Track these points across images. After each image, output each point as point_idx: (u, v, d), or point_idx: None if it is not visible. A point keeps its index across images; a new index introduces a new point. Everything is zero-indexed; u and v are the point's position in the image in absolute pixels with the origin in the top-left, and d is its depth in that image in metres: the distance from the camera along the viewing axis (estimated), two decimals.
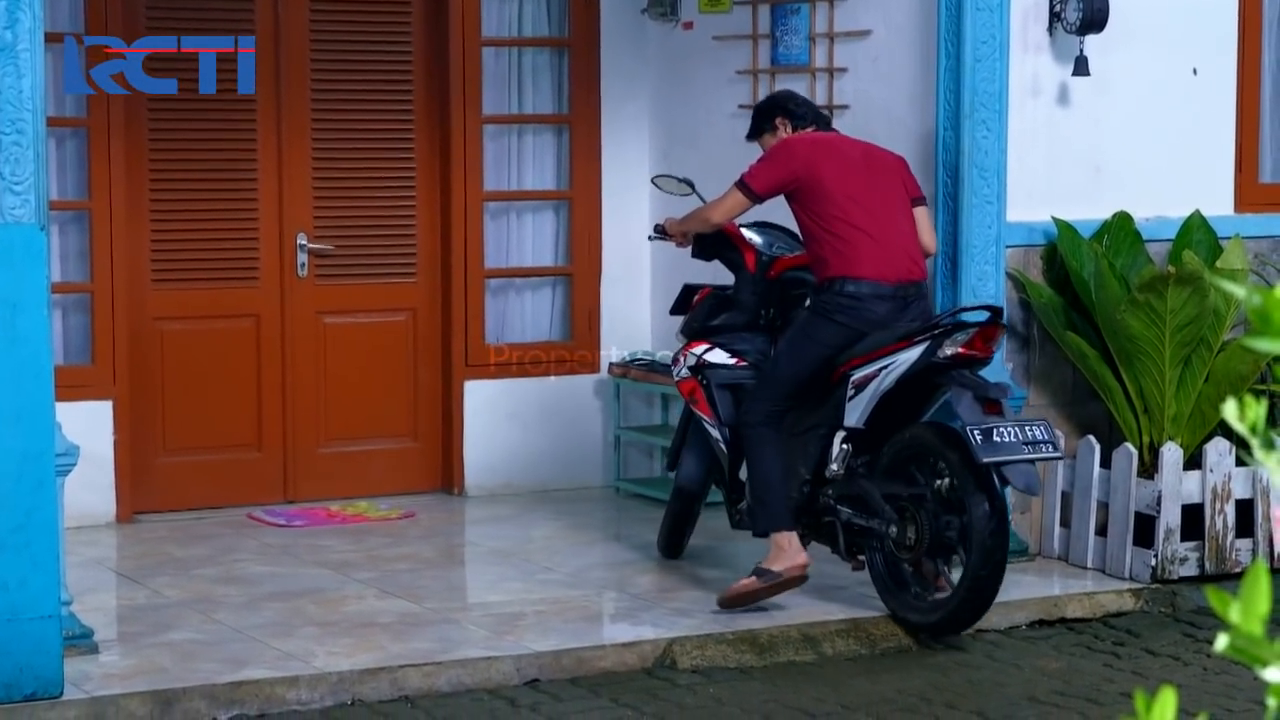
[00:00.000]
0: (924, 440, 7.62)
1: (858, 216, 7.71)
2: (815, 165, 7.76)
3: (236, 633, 7.59)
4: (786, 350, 7.89)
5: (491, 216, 10.42)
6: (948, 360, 7.50)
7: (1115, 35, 8.84)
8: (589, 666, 7.32)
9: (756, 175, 7.85)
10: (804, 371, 7.81)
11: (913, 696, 7.08)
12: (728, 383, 8.29)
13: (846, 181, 7.75)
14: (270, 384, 9.99)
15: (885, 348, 7.60)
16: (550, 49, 10.52)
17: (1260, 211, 9.48)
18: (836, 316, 7.71)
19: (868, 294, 7.67)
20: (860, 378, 7.65)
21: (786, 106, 8.12)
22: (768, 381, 7.94)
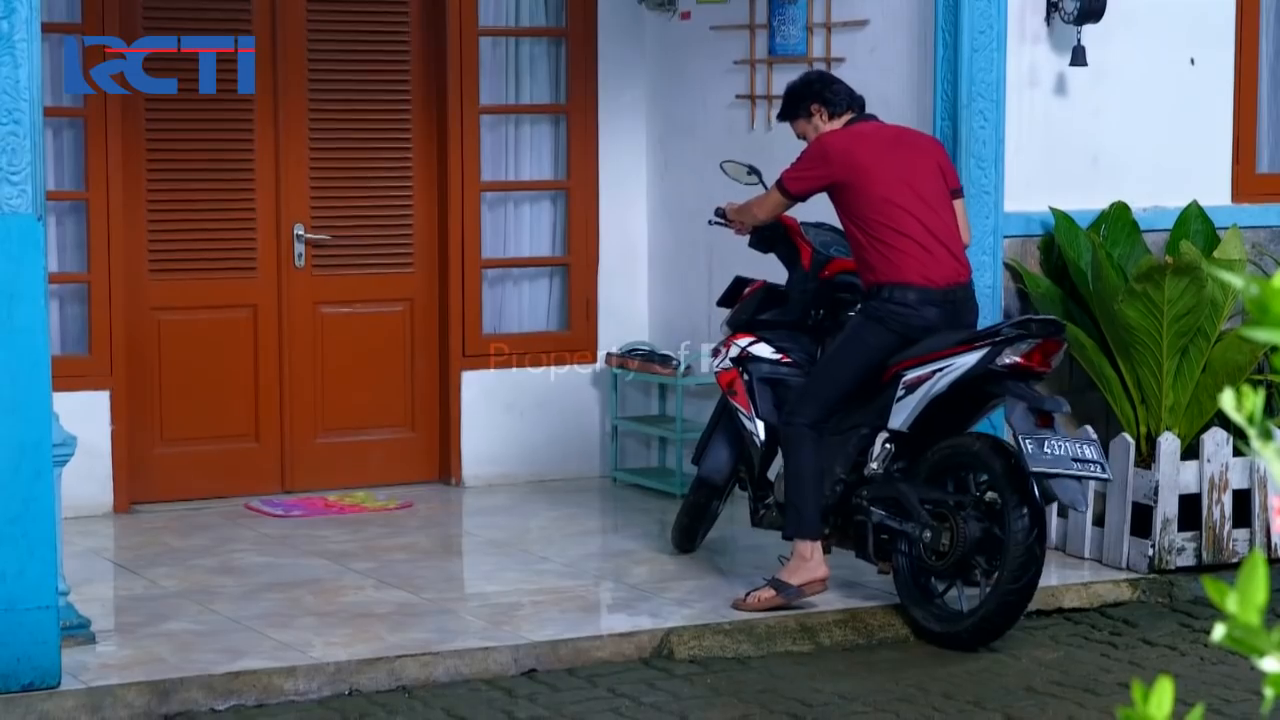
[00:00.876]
0: (969, 448, 7.54)
1: (901, 220, 7.56)
2: (853, 168, 7.59)
3: (234, 623, 7.59)
4: (837, 354, 7.78)
5: (489, 207, 10.42)
6: (1005, 369, 7.40)
7: (1113, 25, 8.83)
8: (586, 657, 7.32)
9: (793, 176, 7.73)
10: (854, 376, 7.70)
11: (910, 687, 7.09)
12: (769, 377, 8.20)
13: (887, 183, 7.58)
14: (268, 374, 9.99)
15: (942, 351, 7.49)
16: (547, 39, 10.51)
17: (1257, 202, 9.48)
18: (889, 323, 7.58)
19: (916, 300, 7.55)
20: (913, 379, 7.54)
21: (823, 94, 7.88)
22: (817, 384, 7.81)
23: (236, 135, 9.82)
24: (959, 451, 7.59)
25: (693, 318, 10.34)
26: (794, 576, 7.70)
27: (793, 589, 7.68)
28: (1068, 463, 7.27)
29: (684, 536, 8.74)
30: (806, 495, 7.74)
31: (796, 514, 7.75)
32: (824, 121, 7.85)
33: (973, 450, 7.54)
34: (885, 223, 7.56)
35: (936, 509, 7.55)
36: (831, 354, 7.82)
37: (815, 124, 7.87)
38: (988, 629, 7.45)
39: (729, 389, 8.29)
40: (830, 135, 7.74)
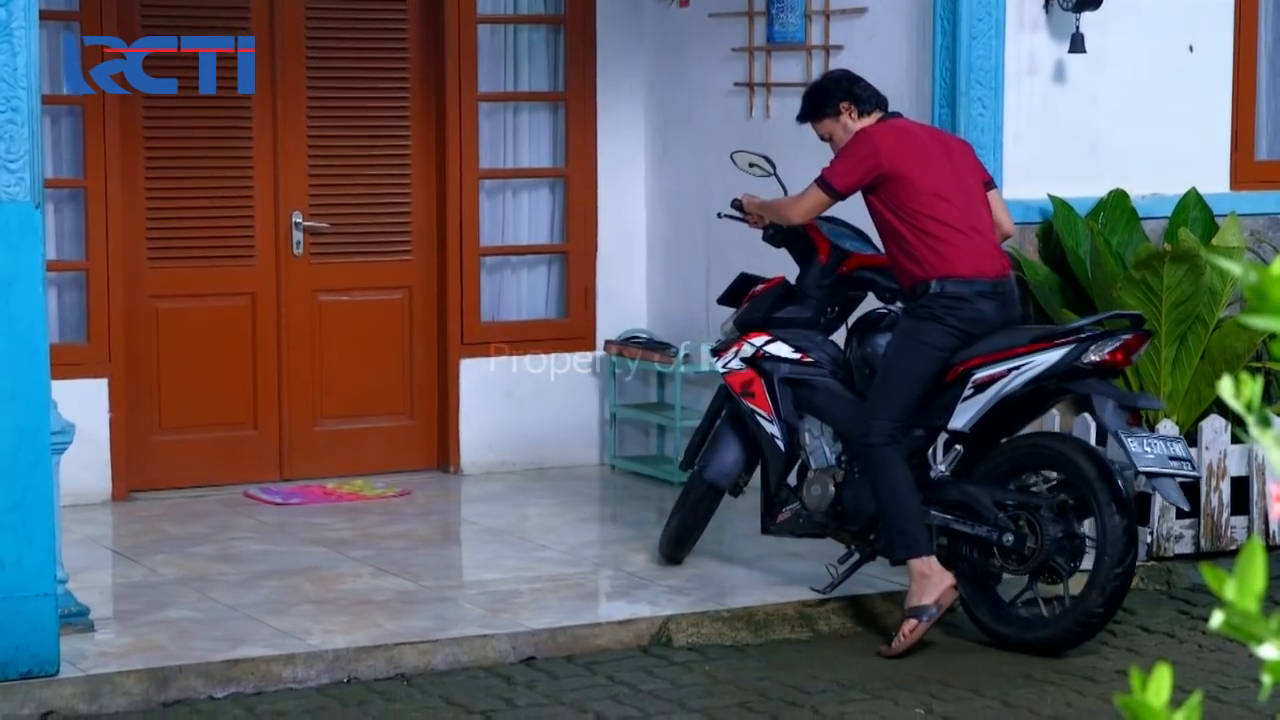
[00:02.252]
0: (1048, 447, 7.40)
1: (946, 213, 7.35)
2: (900, 160, 7.37)
3: (233, 611, 7.59)
4: (899, 361, 7.43)
5: (487, 194, 10.41)
6: (1089, 367, 7.22)
7: (1111, 12, 8.83)
8: (585, 644, 7.32)
9: (839, 172, 7.43)
10: (921, 380, 7.38)
11: (908, 674, 7.09)
12: (790, 377, 7.89)
13: (930, 176, 7.39)
14: (266, 362, 9.99)
15: (1016, 348, 7.27)
16: (546, 26, 10.50)
17: (1256, 189, 9.47)
18: (946, 320, 7.31)
19: (972, 293, 7.32)
20: (984, 378, 7.28)
21: (852, 91, 7.62)
22: (884, 395, 7.45)
23: (235, 123, 9.81)
24: (1034, 451, 7.43)
25: (691, 305, 10.33)
26: (925, 596, 7.32)
27: (931, 608, 7.30)
28: (1166, 461, 7.11)
29: (677, 545, 8.32)
30: (908, 512, 7.36)
31: (903, 535, 7.37)
32: (853, 120, 7.59)
33: (1054, 450, 7.37)
34: (934, 216, 7.34)
35: (1014, 511, 7.36)
36: (891, 360, 7.47)
37: (844, 123, 7.60)
38: (1080, 632, 7.26)
39: (744, 391, 7.95)
40: (874, 129, 7.49)
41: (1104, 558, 7.17)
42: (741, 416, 8.04)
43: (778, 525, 7.98)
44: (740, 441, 8.11)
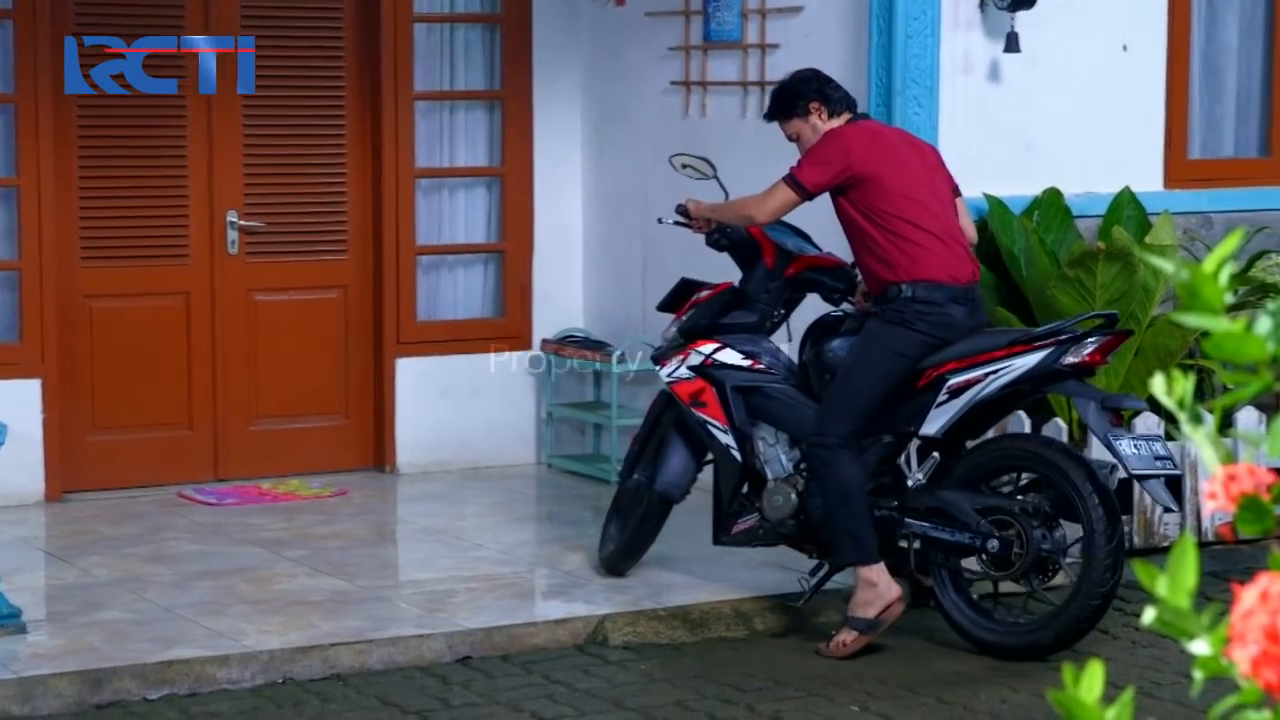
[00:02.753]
0: (1027, 451, 7.33)
1: (919, 215, 7.23)
2: (872, 161, 7.23)
3: (167, 612, 7.55)
4: (863, 363, 7.29)
5: (423, 193, 10.39)
6: (1068, 369, 7.14)
7: (1046, 12, 8.87)
8: (521, 643, 7.32)
9: (809, 172, 7.25)
10: (884, 384, 7.24)
11: (843, 672, 7.10)
12: (743, 385, 7.71)
13: (902, 178, 7.26)
14: (201, 362, 9.94)
15: (992, 352, 7.19)
16: (482, 25, 10.48)
17: (1189, 188, 9.53)
18: (917, 325, 7.20)
19: (943, 298, 7.21)
20: (959, 383, 7.19)
21: (823, 91, 7.45)
22: (843, 397, 7.30)
23: (169, 121, 9.76)
24: (1011, 454, 7.37)
25: (627, 305, 10.33)
26: (869, 609, 7.22)
27: (871, 621, 7.22)
28: (1152, 462, 7.00)
29: (625, 558, 8.09)
30: (857, 517, 7.24)
31: (851, 540, 7.24)
32: (822, 121, 7.42)
33: (1033, 453, 7.30)
34: (906, 219, 7.21)
35: (997, 517, 7.25)
36: (856, 363, 7.32)
37: (814, 123, 7.42)
38: (1070, 634, 7.18)
39: (693, 400, 7.75)
40: (846, 129, 7.34)
41: (1093, 559, 7.09)
42: (687, 425, 7.85)
43: (733, 536, 7.76)
44: (689, 451, 7.91)
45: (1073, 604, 7.18)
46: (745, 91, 9.55)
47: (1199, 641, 1.92)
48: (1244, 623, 1.83)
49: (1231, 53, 9.85)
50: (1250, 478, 1.98)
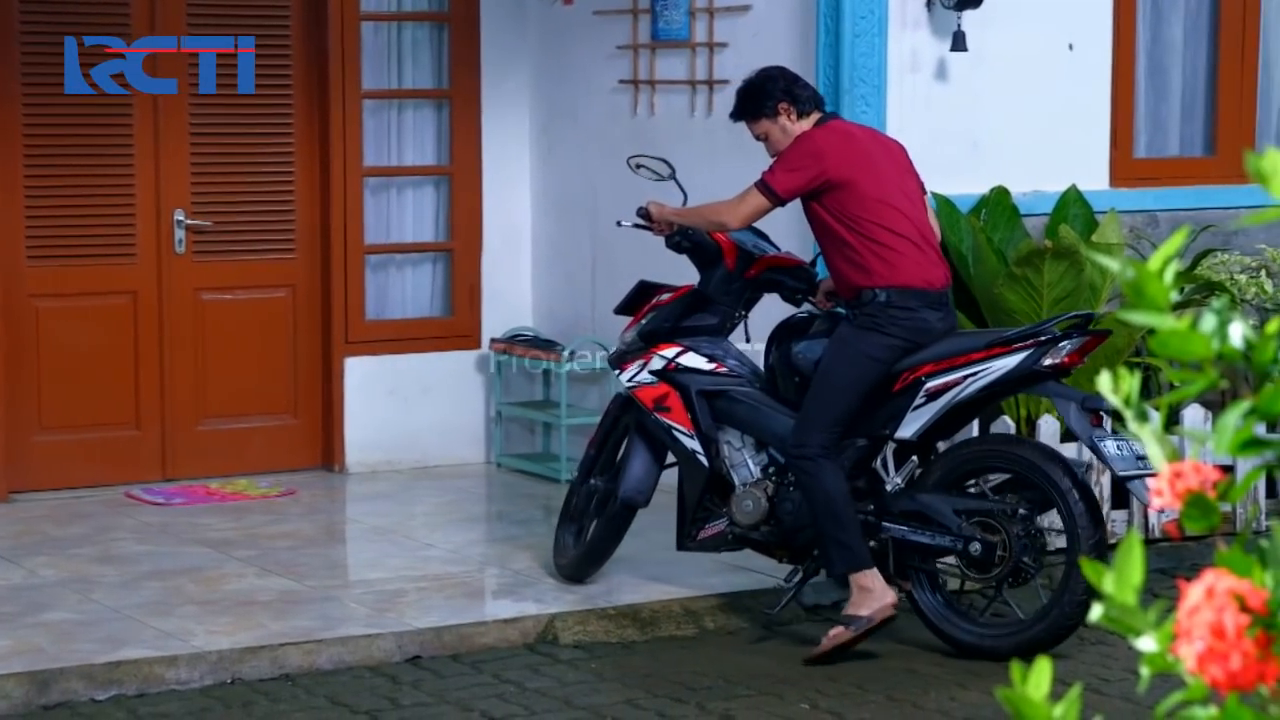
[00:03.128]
0: (1003, 451, 7.30)
1: (895, 220, 7.15)
2: (846, 166, 7.13)
3: (114, 612, 7.52)
4: (837, 370, 7.19)
5: (371, 192, 10.37)
6: (1047, 370, 7.09)
7: (992, 11, 8.89)
8: (471, 643, 7.31)
9: (782, 177, 7.15)
10: (860, 391, 7.16)
11: (793, 670, 7.12)
12: (708, 390, 7.59)
13: (876, 182, 7.17)
14: (148, 361, 9.90)
15: (971, 354, 7.14)
16: (430, 24, 10.47)
17: (1135, 186, 9.57)
18: (890, 330, 7.12)
19: (918, 303, 7.14)
20: (937, 386, 7.14)
21: (792, 91, 7.33)
22: (820, 405, 7.20)
23: (115, 121, 9.71)
24: (989, 455, 7.33)
25: (576, 303, 10.33)
26: (863, 609, 7.14)
27: (865, 619, 7.12)
28: (1135, 462, 6.95)
29: (586, 565, 7.96)
30: (846, 525, 7.14)
31: (842, 548, 7.15)
32: (791, 121, 7.31)
33: (1012, 454, 7.26)
34: (880, 223, 7.13)
35: (977, 519, 7.19)
36: (829, 370, 7.23)
37: (782, 124, 7.31)
38: (1055, 635, 7.08)
39: (657, 405, 7.63)
40: (818, 132, 7.24)
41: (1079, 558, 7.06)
42: (648, 430, 7.74)
43: (700, 542, 7.66)
44: (650, 455, 7.78)
45: (1058, 604, 7.13)
46: (694, 90, 9.55)
47: (1146, 638, 1.93)
48: (1190, 619, 1.84)
49: (1176, 52, 9.90)
50: (1196, 475, 1.99)
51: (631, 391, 7.75)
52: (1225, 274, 9.13)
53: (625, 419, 7.95)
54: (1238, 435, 1.98)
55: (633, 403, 7.81)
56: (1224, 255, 9.28)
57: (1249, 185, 2.20)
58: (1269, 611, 1.83)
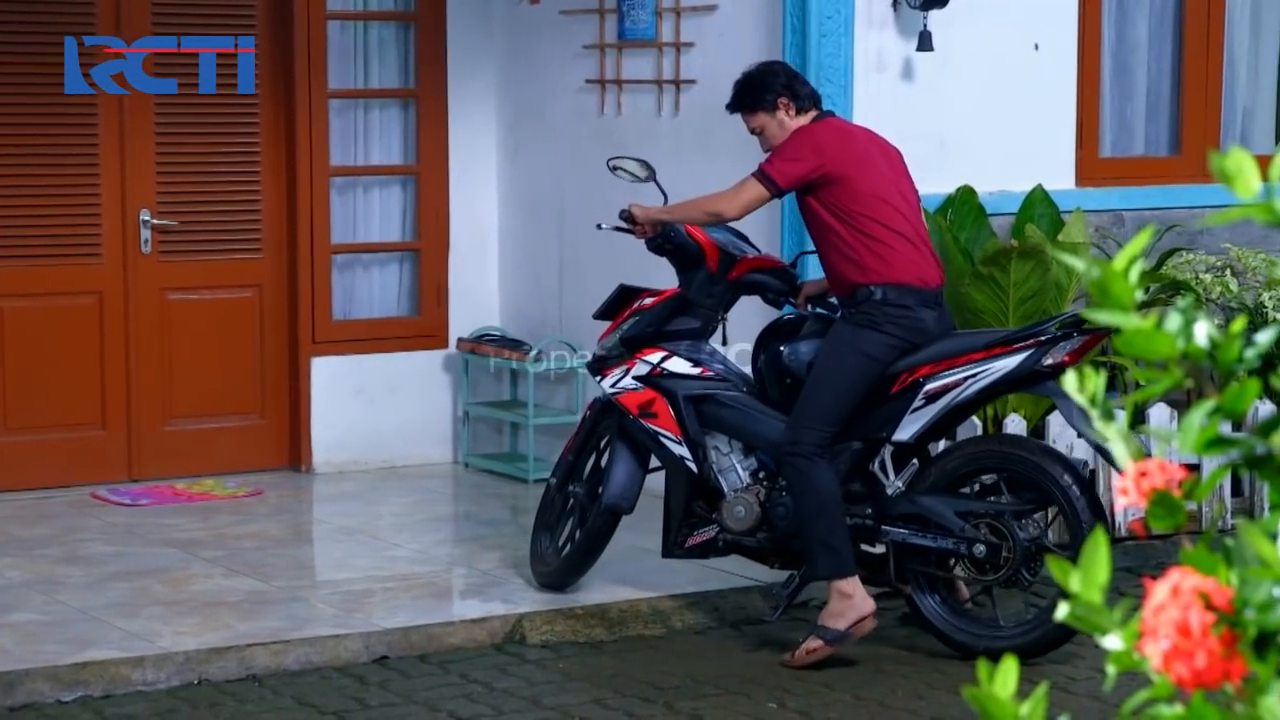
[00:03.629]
0: (1002, 451, 7.23)
1: (890, 217, 7.09)
2: (843, 160, 7.08)
3: (81, 613, 7.50)
4: (833, 368, 7.11)
5: (338, 191, 10.35)
6: (1047, 370, 7.01)
7: (958, 11, 8.91)
8: (438, 643, 7.30)
9: (781, 168, 7.08)
10: (857, 391, 7.08)
11: (761, 669, 7.12)
12: (695, 394, 7.46)
13: (872, 178, 7.13)
14: (114, 362, 9.87)
15: (967, 355, 7.09)
16: (396, 23, 10.45)
17: (1101, 185, 9.60)
18: (887, 328, 7.06)
19: (914, 301, 7.07)
20: (936, 388, 7.07)
21: (792, 86, 7.27)
22: (814, 405, 7.10)
23: (79, 120, 9.68)
24: (987, 456, 7.26)
25: (544, 303, 10.33)
26: (840, 620, 7.06)
27: (840, 633, 7.06)
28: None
29: (569, 574, 7.81)
30: (835, 528, 7.06)
31: (830, 552, 7.05)
32: (790, 116, 7.25)
33: (1012, 454, 7.19)
34: (877, 219, 7.07)
35: (980, 520, 7.13)
36: (825, 368, 7.14)
37: (780, 118, 7.25)
38: (1058, 637, 7.03)
39: (642, 411, 7.51)
40: (816, 127, 7.20)
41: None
42: (630, 435, 7.63)
43: (688, 549, 7.55)
44: (634, 461, 7.66)
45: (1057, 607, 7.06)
46: (660, 90, 9.56)
47: (1112, 636, 1.93)
48: (1156, 618, 1.85)
49: (1141, 51, 9.93)
50: (1161, 473, 2.00)
51: (615, 398, 7.62)
52: (1190, 273, 9.16)
53: (605, 424, 7.84)
54: (1203, 434, 1.98)
55: (613, 408, 7.70)
56: (1189, 254, 9.31)
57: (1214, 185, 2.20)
58: (1234, 610, 1.84)
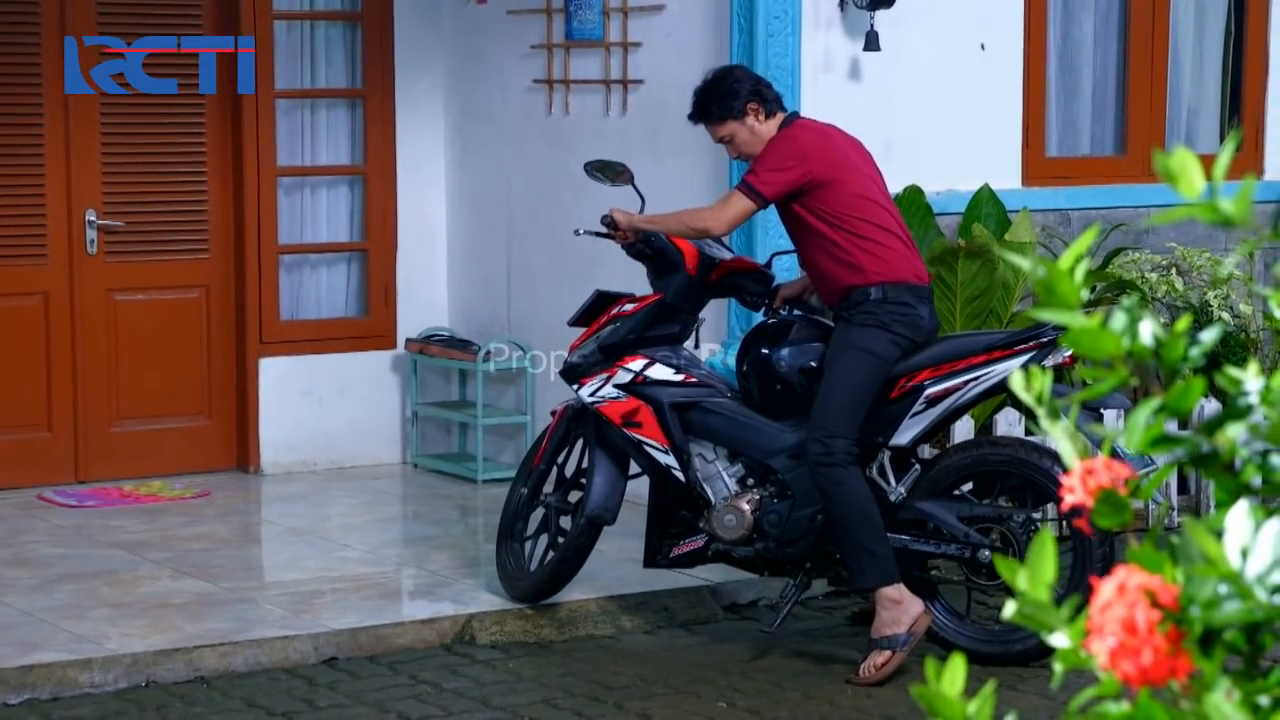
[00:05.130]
0: (1001, 455, 7.11)
1: (881, 217, 7.02)
2: (828, 164, 6.99)
3: (27, 615, 7.47)
4: (846, 372, 6.96)
5: (285, 192, 10.32)
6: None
7: (905, 11, 8.94)
8: (387, 644, 7.29)
9: (765, 178, 6.96)
10: (870, 392, 6.95)
11: (708, 669, 7.13)
12: (679, 401, 7.31)
13: (857, 178, 7.03)
14: (60, 363, 9.83)
15: (967, 359, 6.99)
16: (343, 23, 10.43)
17: (1047, 185, 9.64)
18: (893, 327, 6.95)
19: (912, 298, 6.99)
20: (938, 392, 6.97)
21: (759, 91, 7.14)
22: (839, 410, 6.95)
23: (24, 119, 9.64)
24: (985, 460, 7.15)
25: (492, 303, 10.32)
26: (898, 625, 6.93)
27: (905, 637, 6.92)
28: (1142, 460, 6.68)
29: (550, 586, 7.62)
30: (879, 534, 6.94)
31: (875, 559, 6.93)
32: (760, 122, 7.12)
33: (1012, 456, 7.09)
34: (867, 220, 6.98)
35: (984, 525, 7.04)
36: (839, 374, 6.98)
37: (750, 124, 7.12)
38: None
39: (626, 421, 7.33)
40: (797, 131, 7.08)
41: (1088, 558, 6.94)
42: (609, 444, 7.47)
43: (674, 559, 7.42)
44: (614, 469, 7.48)
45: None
46: (608, 90, 9.56)
47: (1058, 634, 1.94)
48: (1102, 615, 1.86)
49: (1087, 51, 9.97)
50: (1107, 472, 2.01)
51: (596, 407, 7.43)
52: (1136, 272, 9.21)
53: (577, 432, 7.68)
54: (1148, 432, 2.00)
55: (586, 416, 7.54)
56: (1135, 254, 9.36)
57: (1159, 184, 2.22)
58: (1180, 607, 1.85)
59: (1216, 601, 1.84)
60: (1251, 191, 1.94)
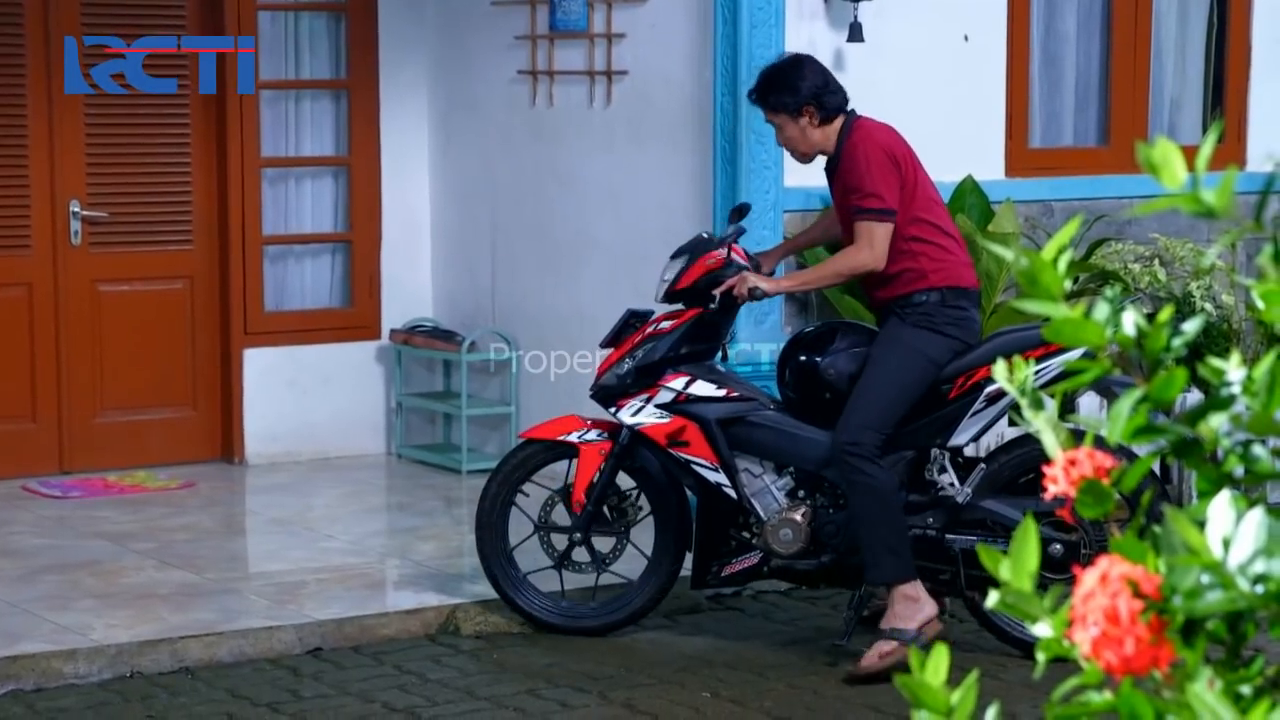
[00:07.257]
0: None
1: (942, 217, 7.05)
2: (909, 165, 7.00)
3: (11, 606, 7.46)
4: (892, 369, 6.92)
5: (269, 182, 10.32)
6: None
7: (888, 2, 8.94)
8: (372, 634, 7.30)
9: (885, 195, 6.92)
10: (914, 393, 6.92)
11: (694, 659, 7.14)
12: (724, 417, 7.16)
13: (928, 183, 7.06)
14: (44, 354, 9.82)
15: (1025, 354, 6.63)
16: (327, 13, 10.42)
17: (1030, 176, 9.65)
18: (947, 330, 6.94)
19: (969, 302, 7.00)
20: (998, 389, 6.87)
21: (820, 98, 7.09)
22: (875, 406, 6.90)
23: (8, 110, 9.62)
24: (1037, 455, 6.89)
25: (477, 294, 10.32)
26: (910, 621, 6.90)
27: (913, 633, 6.87)
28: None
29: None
30: (901, 531, 6.91)
31: (892, 555, 6.88)
32: (813, 126, 7.09)
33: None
34: (936, 224, 7.00)
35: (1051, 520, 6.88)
36: (883, 369, 6.94)
37: (802, 126, 7.09)
38: None
39: (671, 441, 7.17)
40: (881, 137, 7.04)
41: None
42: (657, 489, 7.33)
43: (727, 578, 7.25)
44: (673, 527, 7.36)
45: None
46: (592, 81, 9.55)
47: (1041, 624, 1.95)
48: (1085, 605, 1.87)
49: (1070, 43, 9.98)
50: (1090, 462, 2.02)
51: (639, 429, 7.23)
52: (1119, 263, 9.22)
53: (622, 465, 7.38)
54: (1131, 422, 2.01)
55: (635, 447, 7.31)
56: (1118, 244, 9.37)
57: (1142, 175, 2.23)
58: (1162, 597, 1.86)
59: (1199, 591, 1.85)
60: (1233, 182, 1.96)
